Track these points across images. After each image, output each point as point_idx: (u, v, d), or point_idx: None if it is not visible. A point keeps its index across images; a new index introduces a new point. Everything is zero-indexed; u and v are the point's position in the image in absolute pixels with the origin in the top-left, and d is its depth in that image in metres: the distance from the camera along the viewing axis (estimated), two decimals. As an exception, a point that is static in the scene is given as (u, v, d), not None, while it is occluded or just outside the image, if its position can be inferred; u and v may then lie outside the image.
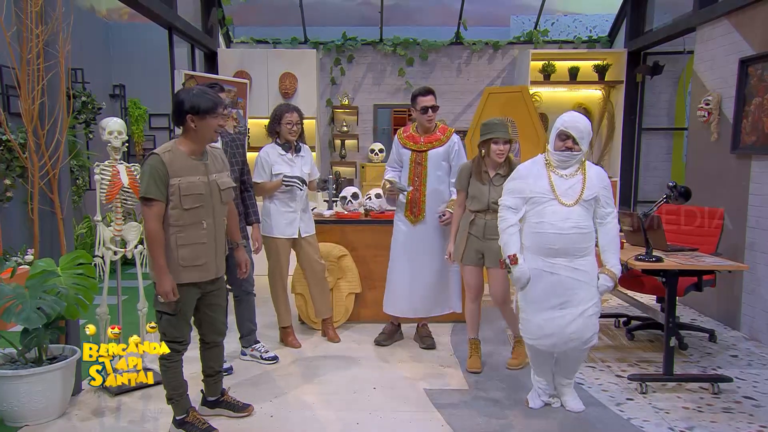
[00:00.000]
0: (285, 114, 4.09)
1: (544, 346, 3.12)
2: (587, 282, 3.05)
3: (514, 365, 3.90)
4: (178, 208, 2.75)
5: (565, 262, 3.02)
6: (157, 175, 2.70)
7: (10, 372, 3.02)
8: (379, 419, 3.19)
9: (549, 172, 3.09)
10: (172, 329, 2.89)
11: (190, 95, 2.77)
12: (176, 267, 2.80)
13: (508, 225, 3.16)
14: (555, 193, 3.03)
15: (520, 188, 3.13)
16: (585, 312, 3.03)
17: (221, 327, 3.14)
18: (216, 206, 2.90)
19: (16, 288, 3.04)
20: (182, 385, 2.98)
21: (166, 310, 2.85)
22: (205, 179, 2.83)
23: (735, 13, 4.76)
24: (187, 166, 2.78)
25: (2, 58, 4.45)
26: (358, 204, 4.93)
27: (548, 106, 7.16)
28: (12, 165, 4.92)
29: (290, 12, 7.18)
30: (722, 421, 3.18)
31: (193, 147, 2.83)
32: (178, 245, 2.79)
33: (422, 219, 4.15)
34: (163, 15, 5.14)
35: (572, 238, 3.00)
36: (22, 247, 4.90)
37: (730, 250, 4.59)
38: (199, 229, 2.82)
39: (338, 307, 4.68)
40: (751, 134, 4.53)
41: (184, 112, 2.76)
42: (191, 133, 2.81)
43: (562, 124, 3.08)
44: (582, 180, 3.06)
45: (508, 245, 3.14)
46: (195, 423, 2.97)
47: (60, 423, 3.13)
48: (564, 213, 3.00)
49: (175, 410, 2.99)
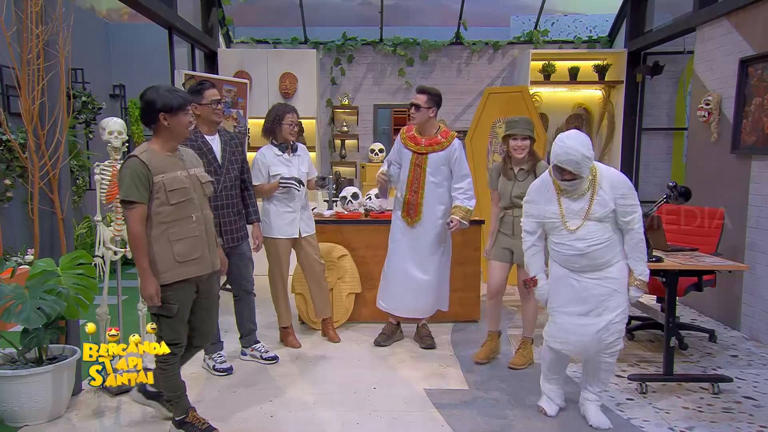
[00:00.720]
0: (286, 114, 4.09)
1: (567, 350, 3.08)
2: (616, 289, 2.97)
3: (518, 364, 3.90)
4: (165, 204, 2.76)
5: (593, 275, 2.98)
6: (138, 177, 2.70)
7: (10, 372, 3.02)
8: (379, 419, 3.19)
9: (558, 195, 3.01)
10: (169, 331, 2.87)
11: (160, 94, 2.77)
12: (173, 264, 2.79)
13: (528, 246, 3.23)
14: (563, 219, 2.99)
15: (534, 212, 3.15)
16: (613, 320, 2.97)
17: (211, 331, 3.13)
18: (200, 199, 2.92)
19: (16, 288, 3.04)
20: (181, 386, 2.98)
21: (162, 313, 2.83)
22: (186, 173, 2.86)
23: (735, 13, 4.77)
24: (166, 162, 2.80)
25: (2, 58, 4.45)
26: (358, 204, 4.94)
27: (548, 106, 7.17)
28: (12, 165, 4.93)
29: (290, 12, 7.18)
30: (722, 421, 3.18)
31: (167, 145, 2.84)
32: (172, 241, 2.79)
33: (419, 221, 4.14)
34: (164, 15, 5.15)
35: (593, 255, 2.93)
36: (22, 247, 4.90)
37: (730, 250, 4.60)
38: (189, 223, 2.83)
39: (338, 307, 4.69)
40: (751, 134, 4.53)
41: (157, 111, 2.76)
42: (164, 131, 2.82)
43: (555, 158, 2.89)
44: (590, 199, 2.93)
45: (530, 266, 3.23)
46: (195, 423, 2.96)
47: (60, 423, 3.13)
48: (579, 233, 2.94)
49: (175, 411, 2.97)
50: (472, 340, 4.37)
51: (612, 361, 3.08)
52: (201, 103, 3.65)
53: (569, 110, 7.21)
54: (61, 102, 3.33)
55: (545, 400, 3.28)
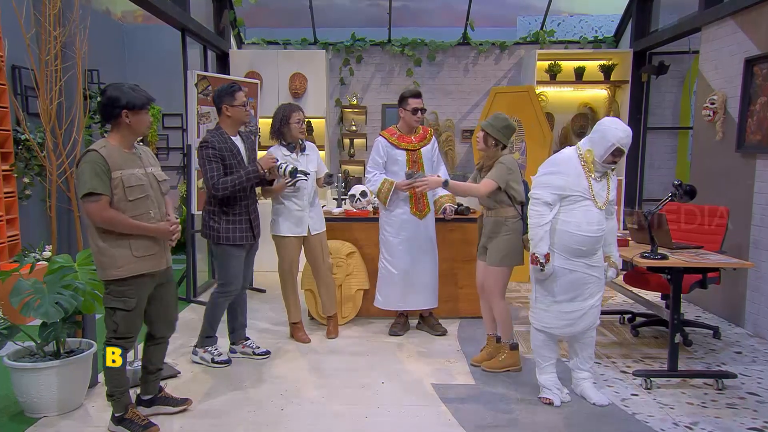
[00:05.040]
0: (292, 114, 4.14)
1: (556, 332, 3.30)
2: (598, 276, 3.26)
3: (491, 367, 3.82)
4: (123, 200, 2.79)
5: (584, 261, 3.19)
6: (100, 170, 2.72)
7: (30, 365, 3.10)
8: (387, 413, 3.25)
9: (587, 173, 3.17)
10: (126, 325, 2.88)
11: (124, 92, 2.79)
12: (131, 259, 2.82)
13: (544, 222, 3.14)
14: (592, 194, 3.13)
15: (560, 184, 3.14)
16: (595, 303, 3.28)
17: (173, 321, 3.18)
18: (157, 197, 2.95)
19: (35, 283, 3.12)
20: (125, 383, 2.99)
21: (120, 306, 2.85)
22: (143, 171, 2.90)
23: (740, 13, 4.79)
24: (123, 159, 2.82)
25: (22, 59, 4.55)
26: (366, 202, 5.00)
27: (554, 105, 7.20)
28: (30, 164, 5.02)
29: (300, 14, 7.25)
30: (726, 416, 3.21)
31: (124, 141, 2.86)
32: (130, 236, 2.83)
33: (428, 212, 4.40)
34: (177, 17, 5.22)
35: (597, 239, 3.18)
36: (40, 244, 4.99)
37: (735, 248, 4.63)
38: (147, 219, 2.86)
39: (347, 303, 4.76)
40: (756, 133, 4.56)
41: (119, 108, 2.78)
42: (124, 128, 2.84)
43: (619, 142, 3.07)
44: (607, 182, 3.23)
45: (543, 242, 3.14)
46: (134, 419, 2.97)
47: (77, 414, 3.21)
48: (593, 216, 3.14)
49: (115, 407, 2.99)
50: (478, 335, 4.43)
51: (594, 335, 3.39)
52: (233, 105, 3.73)
53: (575, 110, 7.24)
54: (78, 102, 3.42)
55: (548, 393, 3.36)
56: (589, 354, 3.40)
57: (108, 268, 2.81)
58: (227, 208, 3.77)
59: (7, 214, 4.89)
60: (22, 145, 4.94)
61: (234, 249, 3.80)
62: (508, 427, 3.08)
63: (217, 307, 3.90)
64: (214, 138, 3.69)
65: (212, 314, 3.92)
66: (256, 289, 5.76)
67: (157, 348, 3.16)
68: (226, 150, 3.70)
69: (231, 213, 3.78)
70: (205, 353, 3.91)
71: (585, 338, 3.35)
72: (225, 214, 3.77)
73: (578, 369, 3.43)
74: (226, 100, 3.74)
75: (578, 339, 3.35)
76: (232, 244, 3.77)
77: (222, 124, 3.79)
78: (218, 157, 3.67)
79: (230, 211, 3.78)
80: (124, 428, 2.97)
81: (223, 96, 3.74)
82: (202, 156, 3.66)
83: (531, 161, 6.11)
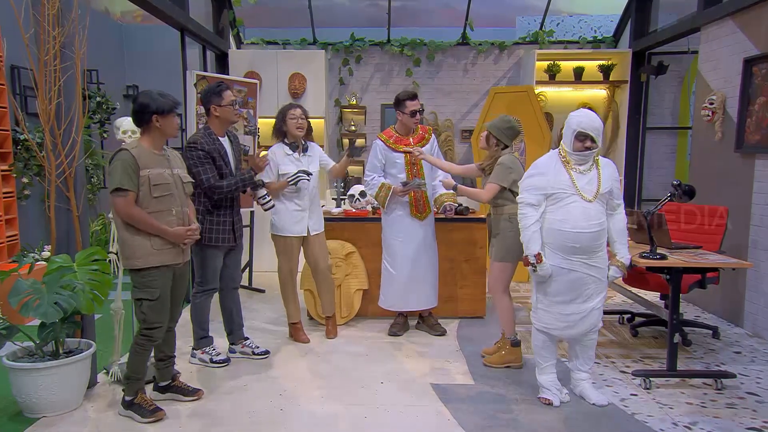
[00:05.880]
0: (288, 110, 4.16)
1: (556, 333, 3.28)
2: (599, 277, 3.21)
3: (492, 362, 3.88)
4: (148, 196, 3.01)
5: (584, 260, 3.15)
6: (130, 168, 2.96)
7: (29, 365, 3.10)
8: (386, 413, 3.24)
9: (567, 169, 3.17)
10: (154, 314, 3.07)
11: (153, 98, 3.02)
12: (149, 251, 3.03)
13: (531, 222, 3.19)
14: (576, 188, 3.12)
15: (541, 185, 3.19)
16: (596, 305, 3.23)
17: (178, 313, 3.35)
18: (181, 197, 3.16)
19: (34, 283, 3.12)
20: (144, 371, 3.18)
21: (146, 297, 3.04)
22: (170, 171, 3.12)
23: (739, 13, 4.80)
24: (153, 159, 3.06)
25: (21, 59, 4.55)
26: (365, 202, 5.00)
27: (553, 105, 7.20)
28: (29, 164, 5.03)
29: (300, 14, 7.25)
30: (725, 416, 3.21)
31: (155, 143, 3.10)
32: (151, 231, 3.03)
33: (429, 213, 4.39)
34: (176, 17, 5.22)
35: (593, 235, 3.11)
36: (39, 244, 5.00)
37: (734, 248, 4.63)
38: (169, 216, 3.08)
39: (346, 303, 4.76)
40: (755, 133, 4.57)
41: (150, 113, 3.02)
42: (155, 131, 3.08)
43: (578, 126, 3.12)
44: (597, 175, 3.16)
45: (532, 243, 3.18)
46: (142, 404, 3.14)
47: (76, 414, 3.21)
48: (585, 210, 3.09)
49: (127, 391, 3.16)
50: (478, 335, 4.44)
51: (596, 338, 3.35)
52: (221, 105, 3.71)
53: (574, 110, 7.14)
54: (76, 102, 3.41)
55: (547, 393, 3.36)
56: (590, 356, 3.39)
57: (129, 258, 3.03)
58: (213, 209, 3.77)
59: (6, 214, 4.89)
60: (21, 145, 4.94)
61: (213, 249, 3.79)
62: (508, 427, 3.08)
63: (200, 306, 3.90)
64: (203, 139, 3.69)
65: (197, 315, 3.92)
66: (256, 289, 5.76)
67: (168, 335, 3.31)
68: (215, 151, 3.69)
69: (216, 214, 3.78)
70: (203, 354, 3.91)
71: (585, 341, 3.33)
72: (210, 214, 3.76)
73: (578, 370, 3.42)
74: (213, 100, 3.72)
75: (579, 341, 3.34)
76: (212, 245, 3.77)
77: (210, 124, 3.77)
78: (209, 158, 3.67)
79: (215, 212, 3.78)
80: (133, 412, 3.12)
81: (211, 96, 3.72)
82: (193, 157, 3.65)
83: (530, 161, 5.99)
